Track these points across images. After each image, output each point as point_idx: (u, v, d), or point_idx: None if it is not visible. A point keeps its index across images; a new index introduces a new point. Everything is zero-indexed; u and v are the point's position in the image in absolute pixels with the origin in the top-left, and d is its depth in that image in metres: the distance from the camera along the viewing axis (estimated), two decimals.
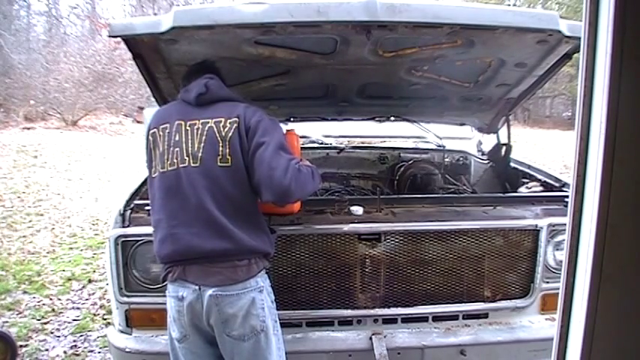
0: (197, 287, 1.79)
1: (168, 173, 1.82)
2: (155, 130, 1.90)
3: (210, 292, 1.77)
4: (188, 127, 1.84)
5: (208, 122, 1.83)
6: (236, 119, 1.82)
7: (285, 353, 1.96)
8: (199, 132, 1.82)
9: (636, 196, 0.77)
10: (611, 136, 0.75)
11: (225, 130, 1.80)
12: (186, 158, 1.80)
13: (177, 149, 1.82)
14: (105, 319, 3.77)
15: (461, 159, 3.61)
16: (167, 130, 1.86)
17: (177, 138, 1.83)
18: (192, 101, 1.89)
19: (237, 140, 1.79)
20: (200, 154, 1.79)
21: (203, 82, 1.89)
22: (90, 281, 4.61)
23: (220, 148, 1.79)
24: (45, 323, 3.79)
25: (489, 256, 2.31)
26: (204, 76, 1.95)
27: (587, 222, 0.80)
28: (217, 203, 1.77)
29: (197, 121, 1.84)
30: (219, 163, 1.79)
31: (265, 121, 1.85)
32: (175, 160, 1.81)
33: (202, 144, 1.80)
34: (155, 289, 2.16)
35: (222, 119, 1.83)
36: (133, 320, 2.24)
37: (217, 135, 1.80)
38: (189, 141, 1.82)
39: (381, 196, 2.37)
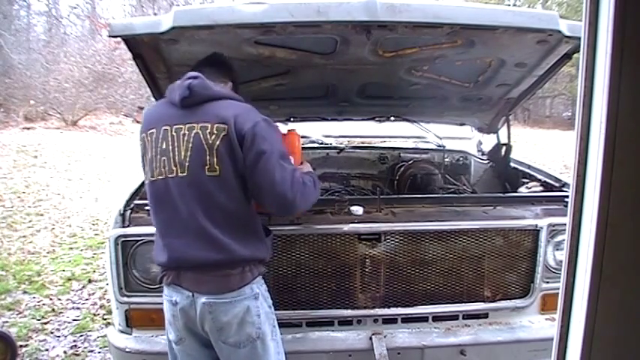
0: (190, 294, 1.77)
1: (158, 182, 1.79)
2: (144, 135, 1.85)
3: (203, 299, 1.75)
4: (174, 133, 1.76)
5: (194, 128, 1.74)
6: (225, 126, 1.72)
7: (285, 354, 1.95)
8: (185, 138, 1.74)
9: (636, 196, 0.76)
10: (611, 136, 0.75)
11: (212, 137, 1.72)
12: (174, 168, 1.75)
13: (165, 158, 1.76)
14: (105, 319, 3.77)
15: (461, 159, 3.60)
16: (154, 136, 1.80)
17: (163, 146, 1.77)
18: (177, 104, 1.80)
19: (226, 148, 1.72)
20: (187, 164, 1.73)
21: (186, 85, 1.77)
22: (90, 281, 4.61)
23: (207, 157, 1.72)
24: (45, 323, 3.79)
25: (489, 256, 2.31)
26: (188, 75, 1.82)
27: (587, 222, 0.80)
28: (207, 213, 1.73)
29: (183, 126, 1.76)
30: (207, 173, 1.73)
31: (261, 125, 1.75)
32: (163, 170, 1.76)
33: (189, 152, 1.73)
34: (155, 289, 2.15)
35: (209, 125, 1.73)
36: (133, 320, 2.24)
37: (204, 143, 1.72)
38: (176, 149, 1.75)
39: (381, 196, 2.37)
